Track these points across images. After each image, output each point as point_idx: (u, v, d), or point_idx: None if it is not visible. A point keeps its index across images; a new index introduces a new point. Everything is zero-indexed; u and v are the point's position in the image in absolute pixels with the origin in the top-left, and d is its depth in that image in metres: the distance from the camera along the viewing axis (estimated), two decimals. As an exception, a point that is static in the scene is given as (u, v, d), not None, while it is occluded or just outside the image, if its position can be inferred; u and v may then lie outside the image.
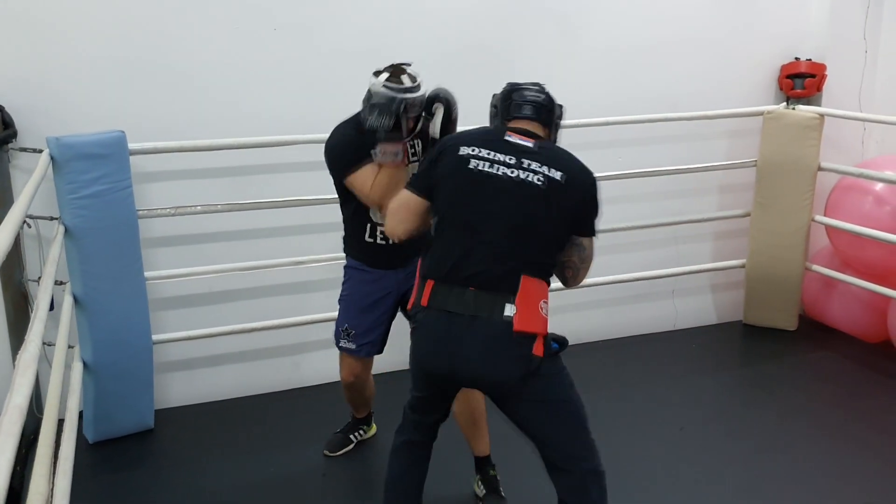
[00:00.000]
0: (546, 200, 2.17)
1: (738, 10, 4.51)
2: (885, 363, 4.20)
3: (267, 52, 3.66)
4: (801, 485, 3.12)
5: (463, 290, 2.16)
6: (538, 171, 2.18)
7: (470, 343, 2.15)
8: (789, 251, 4.46)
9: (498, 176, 2.18)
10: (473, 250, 2.17)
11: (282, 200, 3.69)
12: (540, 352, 2.16)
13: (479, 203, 2.20)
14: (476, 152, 2.22)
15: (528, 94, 2.33)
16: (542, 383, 2.20)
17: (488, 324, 2.13)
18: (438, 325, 2.19)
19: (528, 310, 2.14)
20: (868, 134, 4.76)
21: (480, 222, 2.19)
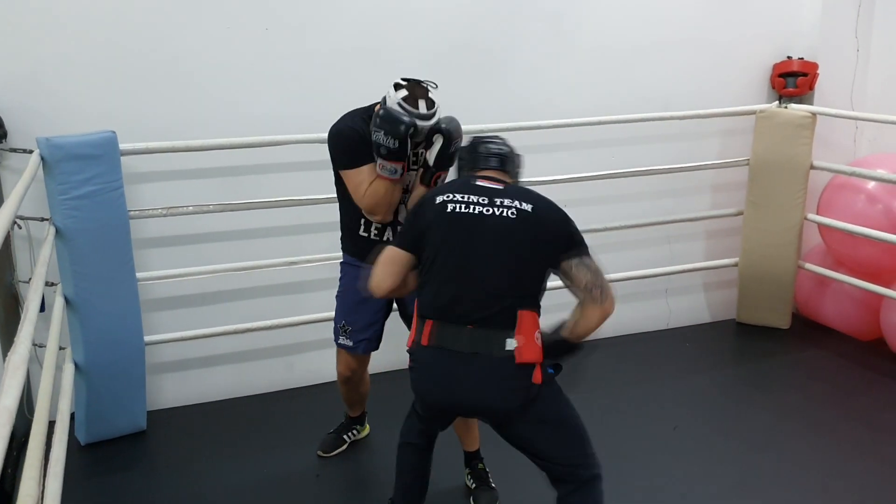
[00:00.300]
0: (522, 231, 2.30)
1: (730, 9, 4.51)
2: (877, 361, 4.21)
3: (259, 51, 3.65)
4: (794, 483, 3.13)
5: (461, 329, 2.27)
6: (510, 205, 2.32)
7: (472, 378, 2.27)
8: (782, 250, 4.47)
9: (474, 215, 2.32)
10: (467, 290, 2.29)
11: (274, 200, 3.68)
12: (539, 379, 2.27)
13: (463, 244, 2.32)
14: (451, 197, 2.36)
15: (492, 147, 2.52)
16: (541, 406, 2.31)
17: (490, 359, 2.25)
18: (439, 363, 2.31)
19: (528, 342, 2.26)
20: (860, 132, 4.77)
21: (468, 263, 2.31)
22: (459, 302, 2.28)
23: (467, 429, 3.00)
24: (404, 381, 2.48)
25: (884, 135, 4.65)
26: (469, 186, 2.39)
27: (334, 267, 3.80)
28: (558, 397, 2.39)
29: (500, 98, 4.07)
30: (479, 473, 3.03)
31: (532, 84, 4.13)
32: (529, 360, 2.25)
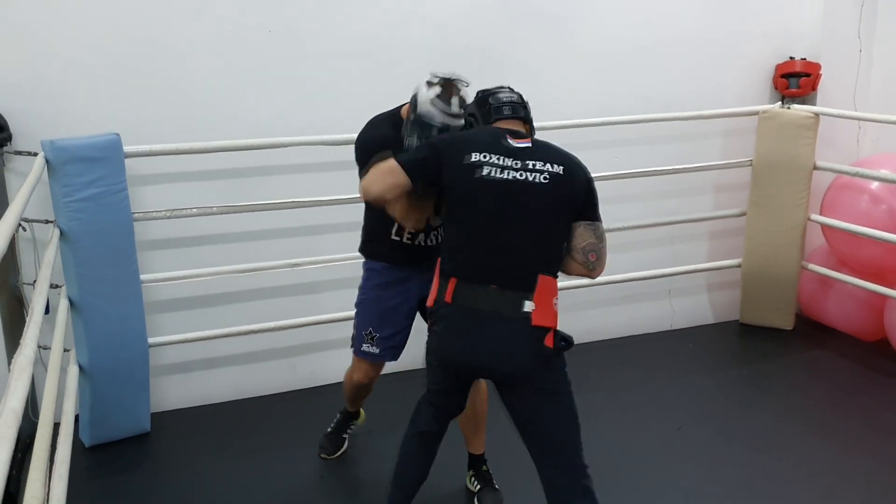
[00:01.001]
0: (553, 196, 2.30)
1: (732, 9, 4.52)
2: (881, 362, 4.21)
3: (262, 54, 3.66)
4: (797, 484, 3.12)
5: (485, 288, 2.29)
6: (542, 169, 2.31)
7: (491, 336, 2.29)
8: (785, 250, 4.47)
9: (509, 181, 2.30)
10: (494, 253, 2.30)
11: (277, 202, 3.69)
12: (550, 344, 2.29)
13: (496, 209, 2.30)
14: (487, 158, 2.32)
15: (502, 96, 2.47)
16: (552, 376, 2.33)
17: (509, 319, 2.27)
18: (462, 320, 2.32)
19: (544, 306, 2.28)
20: (863, 132, 4.77)
21: (500, 228, 2.30)
22: (485, 263, 2.30)
23: (475, 431, 2.99)
24: (410, 381, 2.48)
25: (887, 135, 4.65)
26: (500, 146, 2.34)
27: (338, 268, 3.84)
28: (566, 376, 2.37)
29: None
30: (484, 475, 3.04)
31: (533, 86, 4.07)
32: (543, 324, 2.28)
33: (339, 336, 3.98)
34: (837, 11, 4.63)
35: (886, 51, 4.67)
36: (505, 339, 2.29)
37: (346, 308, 3.84)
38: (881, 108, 4.60)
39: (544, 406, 2.36)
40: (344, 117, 3.73)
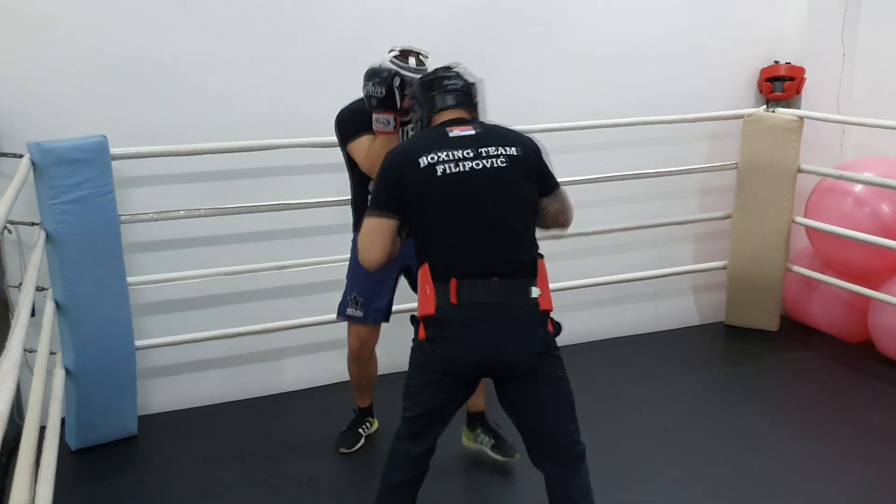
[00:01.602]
0: (517, 175, 2.30)
1: (717, 14, 4.55)
2: (865, 362, 4.24)
3: (251, 56, 3.66)
4: (783, 485, 3.14)
5: (488, 281, 2.24)
6: (496, 153, 2.30)
7: (505, 327, 2.25)
8: (770, 252, 4.51)
9: (467, 172, 2.27)
10: (484, 246, 2.26)
11: (266, 205, 3.69)
12: (550, 328, 2.31)
13: (467, 203, 2.27)
14: (436, 158, 2.28)
15: (447, 84, 2.45)
16: (551, 362, 2.32)
17: (518, 307, 2.25)
18: (473, 318, 2.25)
19: (546, 289, 2.30)
20: (847, 136, 4.81)
21: (479, 220, 2.26)
22: (480, 258, 2.26)
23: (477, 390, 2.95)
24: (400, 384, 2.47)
25: (870, 138, 4.68)
26: (446, 140, 2.31)
27: (326, 271, 3.84)
28: (563, 365, 2.37)
29: (489, 102, 4.07)
30: (492, 428, 3.16)
31: (521, 89, 4.15)
32: (548, 308, 2.29)
33: (329, 338, 3.99)
34: (821, 16, 4.67)
35: (869, 55, 4.72)
36: (519, 328, 2.25)
37: (334, 310, 3.85)
38: (865, 111, 4.64)
39: (547, 395, 2.32)
40: (332, 120, 3.74)
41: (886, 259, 4.19)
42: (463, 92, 2.45)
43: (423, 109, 2.47)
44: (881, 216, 4.18)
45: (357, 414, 3.45)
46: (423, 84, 2.50)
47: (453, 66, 2.53)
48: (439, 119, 2.42)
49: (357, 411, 3.45)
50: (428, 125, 2.46)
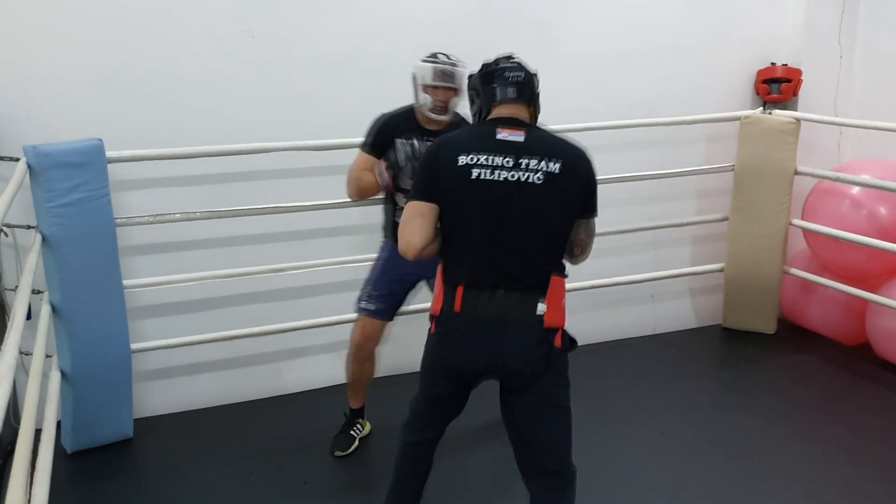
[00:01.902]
0: (550, 195, 2.23)
1: (714, 16, 4.55)
2: (863, 366, 4.24)
3: (246, 59, 3.66)
4: (780, 488, 3.14)
5: (493, 293, 2.24)
6: (537, 168, 2.22)
7: (503, 341, 2.24)
8: (767, 255, 4.51)
9: (501, 182, 2.22)
10: (498, 258, 2.25)
11: (262, 207, 3.69)
12: (559, 343, 2.28)
13: (491, 213, 2.24)
14: (475, 160, 2.24)
15: (508, 76, 2.35)
16: (553, 381, 2.31)
17: (521, 322, 2.23)
18: (473, 329, 2.26)
19: (556, 305, 2.26)
20: (844, 138, 4.82)
21: (499, 232, 2.25)
22: (491, 269, 2.25)
23: None
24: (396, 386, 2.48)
25: (867, 140, 4.69)
26: (491, 142, 2.25)
27: (322, 273, 3.84)
28: (567, 381, 2.36)
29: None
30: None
31: (519, 91, 4.15)
32: (555, 325, 2.26)
33: (324, 341, 3.99)
34: (819, 18, 4.68)
35: (867, 57, 4.73)
36: (517, 343, 2.24)
37: (332, 313, 3.87)
38: (862, 113, 4.65)
39: (543, 413, 2.33)
40: (328, 122, 3.76)
41: (884, 261, 4.19)
42: (525, 84, 2.35)
43: (482, 100, 2.37)
44: (878, 218, 4.18)
45: (349, 416, 3.46)
46: (484, 74, 2.39)
47: (514, 57, 2.42)
48: (497, 113, 2.33)
49: (348, 413, 3.46)
50: (486, 117, 2.36)
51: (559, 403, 2.34)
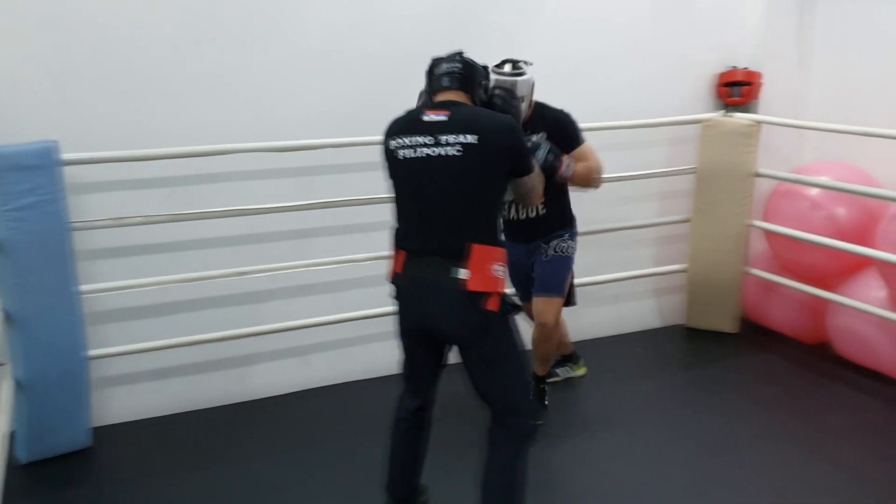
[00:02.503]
0: (468, 165, 2.42)
1: (676, 20, 4.59)
2: (823, 364, 4.30)
3: (207, 60, 3.60)
4: (744, 486, 3.17)
5: (426, 258, 2.48)
6: (454, 142, 2.43)
7: (434, 302, 2.47)
8: (728, 255, 4.56)
9: (423, 158, 2.46)
10: (427, 227, 2.48)
11: (224, 210, 3.64)
12: (495, 307, 2.45)
13: (417, 188, 2.49)
14: (401, 143, 2.51)
15: (445, 66, 2.60)
16: (493, 342, 2.50)
17: (447, 285, 2.43)
18: (411, 288, 2.53)
19: (480, 272, 2.43)
20: (803, 140, 4.89)
21: (424, 202, 2.48)
22: (423, 237, 2.49)
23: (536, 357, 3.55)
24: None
25: (827, 142, 4.76)
26: (416, 124, 2.50)
27: (286, 276, 3.80)
28: (511, 339, 2.54)
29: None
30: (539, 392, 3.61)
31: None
32: (481, 290, 2.42)
33: (290, 345, 3.96)
34: (778, 22, 4.74)
35: (826, 60, 4.80)
36: (445, 304, 2.45)
37: (296, 317, 3.83)
38: (821, 116, 4.72)
39: (486, 368, 2.54)
40: (289, 124, 3.72)
41: (843, 262, 4.26)
42: (460, 74, 2.57)
43: (427, 89, 2.66)
44: (837, 219, 4.24)
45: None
46: (428, 68, 2.65)
47: (461, 52, 2.66)
48: (437, 98, 2.58)
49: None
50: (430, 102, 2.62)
51: (497, 361, 2.53)
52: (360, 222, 3.95)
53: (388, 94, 3.90)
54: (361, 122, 3.71)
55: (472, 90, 2.60)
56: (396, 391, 2.77)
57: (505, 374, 2.56)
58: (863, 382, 4.06)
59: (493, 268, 2.45)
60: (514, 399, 2.59)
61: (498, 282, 2.47)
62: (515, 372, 2.58)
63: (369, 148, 3.79)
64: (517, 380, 2.59)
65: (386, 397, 2.96)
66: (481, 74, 2.64)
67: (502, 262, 2.49)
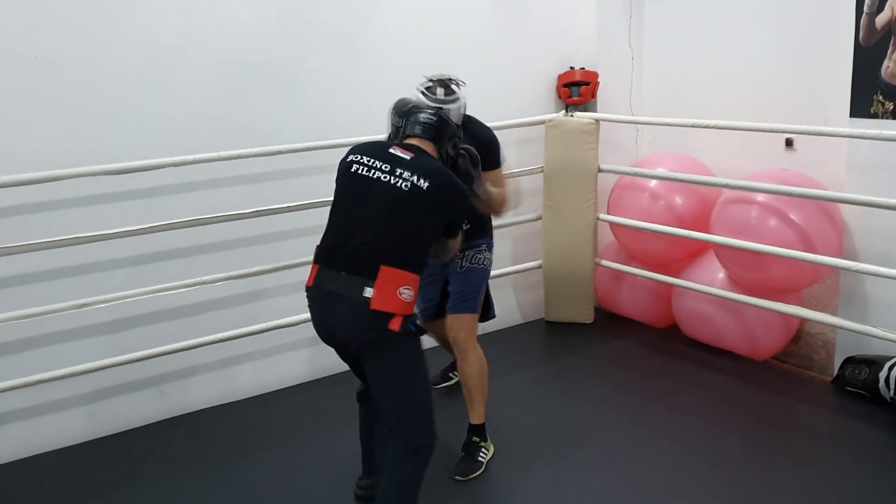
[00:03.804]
0: (410, 203, 2.56)
1: (515, 24, 4.72)
2: (673, 346, 4.52)
3: (28, 82, 3.38)
4: (607, 469, 3.29)
5: (337, 273, 2.55)
6: (408, 178, 2.58)
7: (338, 315, 2.55)
8: (579, 249, 4.73)
9: (371, 179, 2.60)
10: (347, 240, 2.56)
11: (61, 239, 3.42)
12: (396, 327, 2.52)
13: (354, 201, 2.61)
14: (359, 158, 2.65)
15: (422, 116, 2.78)
16: (391, 358, 2.59)
17: (351, 301, 2.52)
18: (319, 301, 2.62)
19: (385, 293, 2.50)
20: (640, 135, 5.13)
21: (353, 219, 2.58)
22: (340, 251, 2.56)
23: (468, 401, 3.37)
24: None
25: (661, 135, 5.02)
26: (380, 151, 2.65)
27: (131, 305, 3.63)
28: (410, 362, 2.62)
29: (298, 116, 4.03)
30: (468, 445, 3.33)
31: (330, 102, 4.12)
32: (384, 309, 2.50)
33: (142, 376, 3.79)
34: (609, 22, 4.96)
35: (654, 57, 5.06)
36: (348, 319, 2.53)
37: (150, 345, 3.67)
38: (654, 110, 4.98)
39: (381, 384, 2.64)
40: (122, 145, 3.57)
41: (683, 248, 4.51)
42: (434, 127, 2.76)
43: (398, 128, 2.84)
44: (675, 208, 4.49)
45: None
46: (406, 110, 2.84)
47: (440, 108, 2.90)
48: (407, 141, 2.76)
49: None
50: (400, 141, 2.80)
51: (392, 379, 2.61)
52: (210, 241, 3.84)
53: (223, 107, 3.82)
54: (201, 138, 3.61)
55: (441, 144, 2.76)
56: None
57: (398, 392, 2.63)
58: (709, 360, 4.29)
59: (400, 290, 2.52)
60: (406, 418, 2.64)
61: (403, 304, 2.53)
62: (410, 392, 2.64)
63: (212, 165, 3.72)
64: (411, 400, 2.64)
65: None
66: (453, 131, 2.81)
67: (412, 287, 2.56)
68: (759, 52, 4.43)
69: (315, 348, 4.07)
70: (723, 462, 3.30)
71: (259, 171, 3.92)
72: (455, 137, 2.83)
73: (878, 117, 3.71)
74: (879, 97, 3.70)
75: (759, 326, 4.22)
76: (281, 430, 3.70)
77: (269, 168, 3.94)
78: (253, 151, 3.78)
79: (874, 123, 3.69)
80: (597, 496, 3.12)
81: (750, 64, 4.47)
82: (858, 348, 3.89)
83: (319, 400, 4.02)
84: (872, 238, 3.87)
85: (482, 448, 3.33)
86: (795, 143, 4.28)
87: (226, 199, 3.83)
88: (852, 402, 3.76)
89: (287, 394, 4.11)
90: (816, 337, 4.35)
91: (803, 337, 4.41)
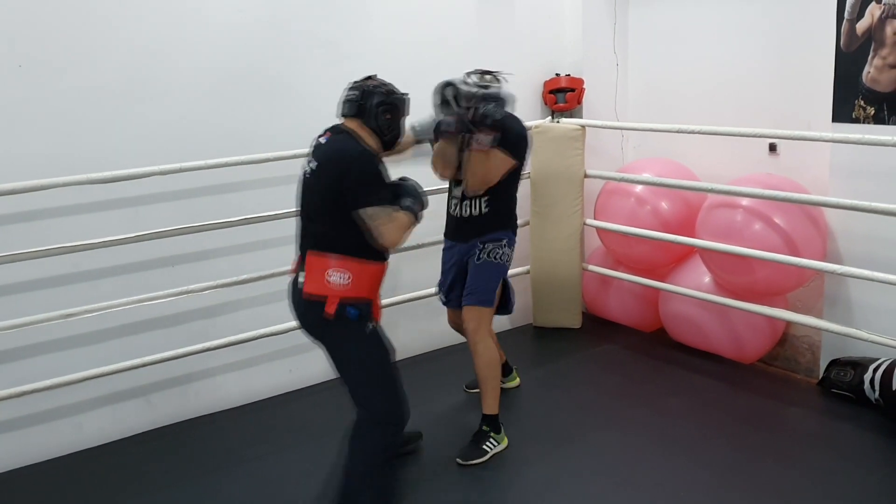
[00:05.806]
0: (312, 188, 2.75)
1: (501, 31, 4.73)
2: (661, 350, 4.54)
3: (10, 90, 3.37)
4: (595, 473, 3.29)
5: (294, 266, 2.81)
6: (311, 165, 2.76)
7: (293, 301, 2.81)
8: (567, 255, 4.74)
9: (304, 177, 2.80)
10: (300, 237, 2.81)
11: (46, 249, 3.40)
12: (331, 310, 2.65)
13: (299, 201, 2.82)
14: (305, 161, 2.82)
15: (346, 93, 2.82)
16: (337, 339, 2.76)
17: (294, 289, 2.78)
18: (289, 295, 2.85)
19: (313, 278, 2.69)
20: (626, 140, 5.17)
21: (300, 216, 2.82)
22: (297, 244, 2.82)
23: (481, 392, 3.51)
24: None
25: (646, 141, 5.05)
26: (314, 147, 2.82)
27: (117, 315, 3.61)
28: (357, 339, 2.74)
29: (285, 124, 4.02)
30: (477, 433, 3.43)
31: (318, 109, 4.09)
32: (316, 293, 2.67)
33: (129, 386, 3.77)
34: (594, 29, 4.99)
35: (638, 64, 5.10)
36: (293, 306, 2.80)
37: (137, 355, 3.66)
38: (639, 116, 5.01)
39: (335, 363, 2.81)
40: (107, 154, 3.55)
41: (670, 252, 4.53)
42: (352, 102, 2.78)
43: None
44: (661, 213, 4.52)
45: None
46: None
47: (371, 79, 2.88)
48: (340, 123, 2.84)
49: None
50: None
51: (343, 361, 2.78)
52: (196, 250, 3.83)
53: (211, 115, 3.82)
54: (188, 146, 3.60)
55: (365, 116, 2.77)
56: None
57: (352, 373, 2.79)
58: (696, 363, 4.31)
59: (329, 273, 2.66)
60: (367, 398, 2.78)
61: (336, 288, 2.66)
62: (364, 373, 2.78)
63: (199, 173, 3.71)
64: (368, 380, 2.78)
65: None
66: (380, 100, 2.77)
67: (347, 270, 2.67)
68: (742, 58, 4.47)
69: (302, 356, 4.07)
70: (710, 464, 3.32)
71: (246, 179, 3.92)
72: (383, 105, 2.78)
73: (860, 122, 3.76)
74: (861, 102, 3.74)
75: (746, 330, 4.25)
76: (269, 439, 3.68)
77: (257, 176, 3.93)
78: (240, 159, 3.79)
79: (856, 128, 3.74)
80: (585, 500, 3.12)
81: (734, 70, 4.52)
82: (843, 350, 3.93)
83: (307, 408, 4.01)
84: (855, 241, 3.91)
85: (491, 438, 3.42)
86: (779, 148, 4.33)
87: (212, 207, 3.83)
88: (838, 404, 3.79)
89: (275, 402, 4.10)
90: (802, 340, 4.38)
91: (789, 340, 4.44)
